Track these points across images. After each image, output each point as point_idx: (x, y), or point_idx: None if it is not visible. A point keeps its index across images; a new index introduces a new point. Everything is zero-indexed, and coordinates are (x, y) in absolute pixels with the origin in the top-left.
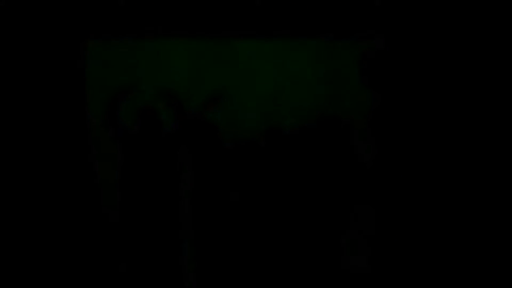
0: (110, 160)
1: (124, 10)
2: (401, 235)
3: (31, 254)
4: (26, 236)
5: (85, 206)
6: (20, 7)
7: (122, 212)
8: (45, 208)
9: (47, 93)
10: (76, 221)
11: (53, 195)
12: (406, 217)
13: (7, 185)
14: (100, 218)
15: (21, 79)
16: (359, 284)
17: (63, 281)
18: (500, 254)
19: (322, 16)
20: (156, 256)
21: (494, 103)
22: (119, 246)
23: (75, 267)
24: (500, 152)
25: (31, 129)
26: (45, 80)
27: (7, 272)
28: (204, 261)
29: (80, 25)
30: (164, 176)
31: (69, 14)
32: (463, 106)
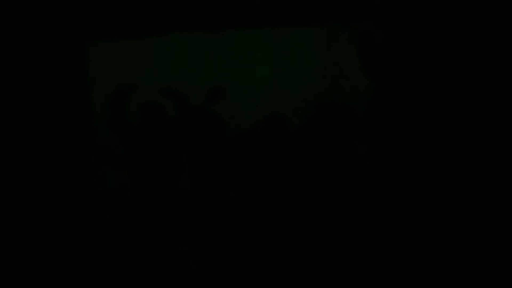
0: (112, 159)
1: (121, 9)
2: (401, 233)
3: (32, 253)
4: (26, 235)
5: (88, 204)
6: (20, 9)
7: (126, 210)
8: (49, 206)
9: (48, 94)
10: (77, 220)
11: (57, 194)
12: (405, 213)
13: (10, 184)
14: (101, 217)
15: (22, 80)
16: (358, 284)
17: (63, 281)
18: (500, 254)
19: (319, 2)
20: (160, 255)
21: (495, 94)
22: (120, 245)
23: (75, 267)
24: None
25: (34, 130)
26: (45, 81)
27: (7, 272)
28: (205, 260)
29: (78, 25)
30: (170, 171)
31: (67, 14)
32: (465, 99)
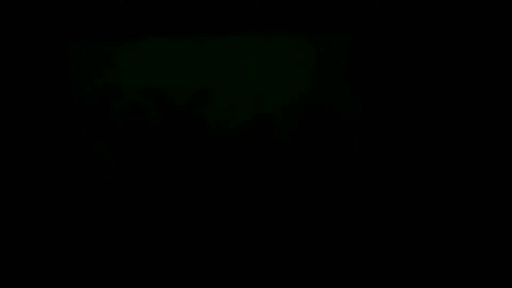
0: (102, 160)
1: (106, 12)
2: (401, 233)
3: (32, 253)
4: (25, 235)
5: (88, 204)
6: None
7: (117, 212)
8: (49, 206)
9: (33, 96)
10: (77, 220)
11: (57, 194)
12: (406, 214)
13: (10, 186)
14: (96, 217)
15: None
16: (359, 284)
17: (64, 281)
18: (500, 254)
19: (308, 10)
20: (152, 255)
21: (488, 93)
22: (118, 245)
23: (75, 267)
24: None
25: (28, 131)
26: (29, 84)
27: (7, 272)
28: (202, 260)
29: (62, 28)
30: (156, 174)
31: (50, 18)
32: (462, 101)
